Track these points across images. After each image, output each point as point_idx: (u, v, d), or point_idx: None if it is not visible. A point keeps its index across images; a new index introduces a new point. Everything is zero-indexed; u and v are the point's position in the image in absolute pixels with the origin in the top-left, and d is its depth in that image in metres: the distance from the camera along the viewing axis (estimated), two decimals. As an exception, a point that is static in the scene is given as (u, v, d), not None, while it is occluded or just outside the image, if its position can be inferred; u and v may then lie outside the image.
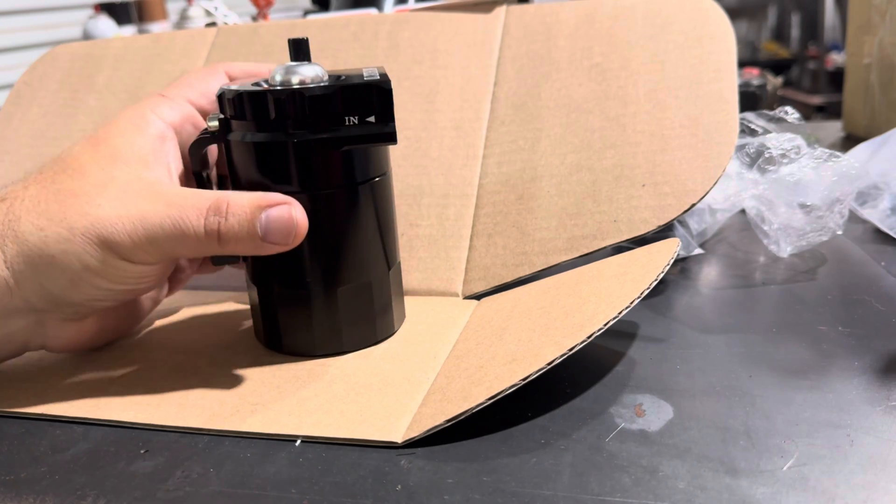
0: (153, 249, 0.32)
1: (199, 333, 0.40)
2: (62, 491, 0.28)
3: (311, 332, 0.36)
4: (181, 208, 0.32)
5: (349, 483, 0.27)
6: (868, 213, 0.49)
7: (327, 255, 0.35)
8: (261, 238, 0.32)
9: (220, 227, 0.32)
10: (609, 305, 0.32)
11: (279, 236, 0.32)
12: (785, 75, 3.08)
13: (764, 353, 0.35)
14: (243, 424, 0.31)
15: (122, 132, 0.35)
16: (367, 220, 0.36)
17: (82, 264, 0.32)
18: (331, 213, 0.35)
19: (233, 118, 0.34)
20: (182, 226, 0.32)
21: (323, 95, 0.33)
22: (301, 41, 0.35)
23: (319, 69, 0.35)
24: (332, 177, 0.35)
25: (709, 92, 0.44)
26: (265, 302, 0.37)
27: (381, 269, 0.37)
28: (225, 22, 1.11)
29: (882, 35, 0.69)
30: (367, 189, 0.35)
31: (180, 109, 0.37)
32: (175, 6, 2.05)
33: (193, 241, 0.32)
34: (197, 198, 0.33)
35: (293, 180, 0.34)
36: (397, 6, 0.88)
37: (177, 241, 0.32)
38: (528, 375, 0.29)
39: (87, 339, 0.36)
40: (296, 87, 0.33)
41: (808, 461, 0.27)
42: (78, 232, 0.32)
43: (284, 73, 0.34)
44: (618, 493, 0.26)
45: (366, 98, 0.33)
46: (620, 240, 0.40)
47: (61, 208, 0.32)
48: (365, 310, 0.36)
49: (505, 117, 0.47)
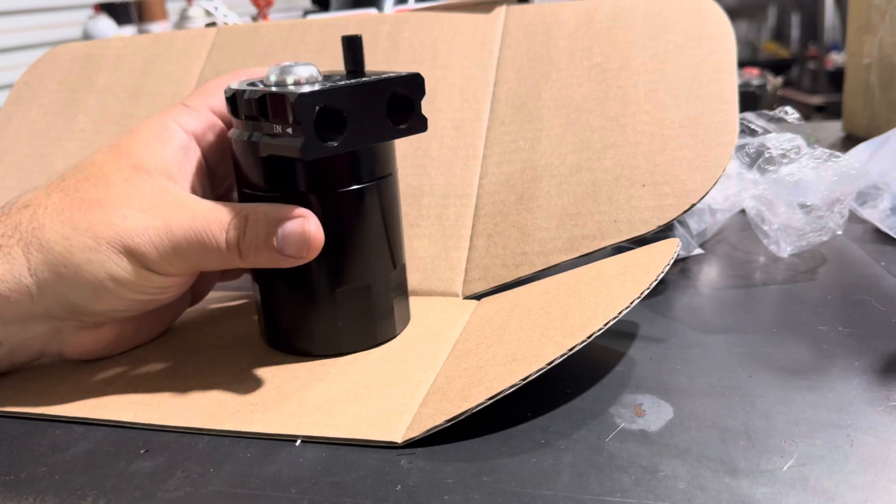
0: (178, 261, 0.32)
1: (199, 333, 0.40)
2: (62, 491, 0.28)
3: (310, 332, 0.36)
4: (205, 221, 0.32)
5: (349, 483, 0.27)
6: (868, 213, 0.49)
7: (328, 256, 0.35)
8: (277, 251, 0.32)
9: (239, 242, 0.32)
10: (609, 305, 0.32)
11: (295, 249, 0.32)
12: (785, 75, 3.08)
13: (764, 353, 0.35)
14: (243, 424, 0.31)
15: (146, 142, 0.35)
16: (370, 221, 0.36)
17: (107, 274, 0.32)
18: (333, 214, 0.34)
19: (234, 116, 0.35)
20: (205, 239, 0.32)
21: (251, 100, 0.32)
22: (355, 38, 0.34)
23: (314, 70, 0.34)
24: (333, 178, 0.34)
25: (709, 92, 0.44)
26: (266, 300, 0.37)
27: (383, 271, 0.37)
28: (225, 22, 1.11)
29: (882, 35, 0.69)
30: (370, 190, 0.35)
31: (203, 119, 0.37)
32: (175, 6, 2.05)
33: (216, 254, 0.32)
34: (219, 211, 0.33)
35: (295, 181, 0.34)
36: (397, 6, 0.88)
37: (201, 254, 0.32)
38: (528, 375, 0.29)
39: (105, 346, 0.36)
40: (282, 87, 0.33)
41: (808, 461, 0.27)
42: (103, 241, 0.32)
43: (280, 73, 0.33)
44: (618, 493, 0.26)
45: (282, 108, 0.32)
46: (620, 240, 0.40)
47: (86, 217, 0.32)
48: (364, 312, 0.36)
49: (505, 117, 0.47)
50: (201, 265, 0.33)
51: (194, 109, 0.37)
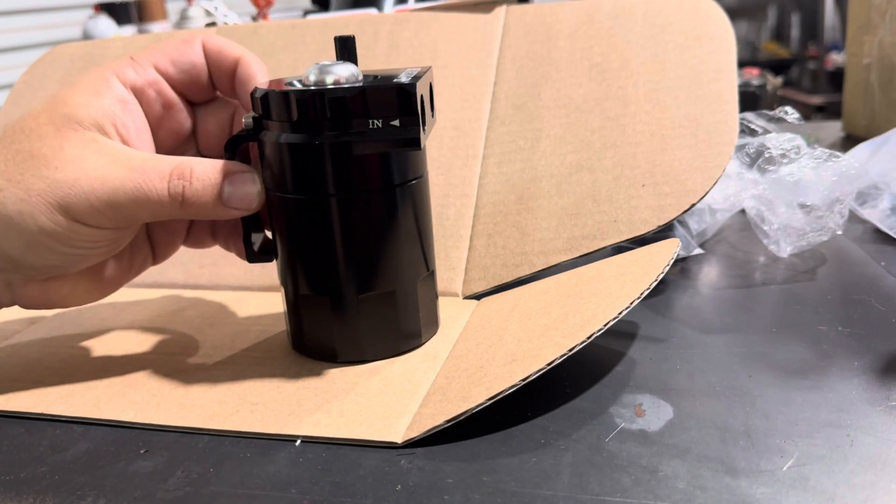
0: (112, 213, 0.32)
1: (200, 333, 0.40)
2: (62, 491, 0.28)
3: (332, 338, 0.35)
4: (143, 171, 0.32)
5: (349, 483, 0.27)
6: (868, 213, 0.49)
7: (352, 261, 0.34)
8: (223, 203, 0.33)
9: (184, 191, 0.33)
10: (609, 306, 0.32)
11: (243, 203, 0.34)
12: (785, 75, 3.08)
13: (764, 353, 0.35)
14: (243, 424, 0.31)
15: (82, 94, 0.34)
16: (395, 225, 0.34)
17: (38, 226, 0.32)
18: (353, 218, 0.34)
19: (263, 117, 0.34)
20: (144, 188, 0.32)
21: (342, 98, 0.32)
22: (348, 39, 0.34)
23: (355, 69, 0.33)
24: (352, 181, 0.33)
25: (709, 92, 0.44)
26: (291, 304, 0.36)
27: (410, 278, 0.35)
28: (225, 22, 1.11)
29: (882, 35, 0.69)
30: (393, 194, 0.34)
31: (145, 75, 0.36)
32: (175, 6, 2.04)
33: (156, 204, 0.32)
34: (159, 162, 0.33)
35: (317, 183, 0.33)
36: (397, 6, 0.88)
37: (138, 205, 0.32)
38: (528, 376, 0.29)
39: (57, 300, 0.36)
40: (327, 86, 0.32)
41: (808, 461, 0.27)
42: (34, 193, 0.32)
43: (318, 72, 0.33)
44: (618, 493, 0.26)
45: (388, 101, 0.32)
46: (620, 240, 0.40)
47: (18, 170, 0.32)
48: (389, 319, 0.35)
49: (505, 117, 0.47)
50: (137, 216, 0.33)
51: (138, 65, 0.36)
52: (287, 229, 0.35)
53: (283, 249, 0.35)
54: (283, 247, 0.35)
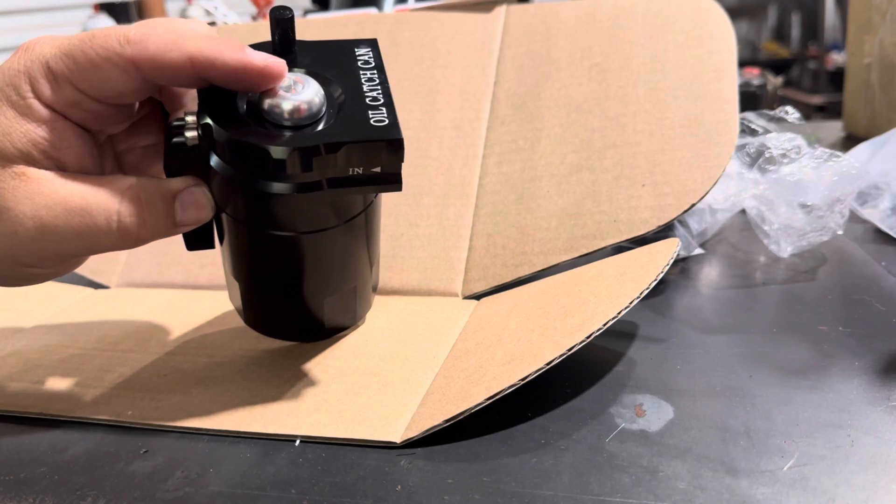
0: (63, 257, 0.30)
1: (199, 333, 0.40)
2: (62, 491, 0.28)
3: (292, 325, 0.37)
4: (84, 213, 0.29)
5: (349, 483, 0.27)
6: (868, 213, 0.49)
7: (313, 276, 0.33)
8: (176, 226, 0.31)
9: (137, 229, 0.30)
10: (608, 305, 0.32)
11: (195, 222, 0.31)
12: (785, 75, 3.08)
13: (764, 353, 0.35)
14: (243, 424, 0.31)
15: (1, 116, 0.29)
16: (355, 247, 0.34)
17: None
18: (320, 250, 0.32)
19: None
20: (90, 233, 0.29)
21: (320, 155, 0.28)
22: (286, 22, 0.30)
23: (315, 91, 0.29)
24: (320, 219, 0.31)
25: (709, 92, 0.44)
26: (247, 292, 0.34)
27: (365, 274, 0.36)
28: (225, 22, 1.11)
29: (882, 35, 0.68)
30: (355, 223, 0.32)
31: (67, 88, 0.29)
32: (175, 6, 2.04)
33: (106, 245, 0.30)
34: (100, 197, 0.29)
35: (283, 224, 0.31)
36: (397, 6, 0.88)
37: (87, 248, 0.30)
38: (527, 375, 0.29)
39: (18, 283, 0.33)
40: (295, 124, 0.28)
41: (808, 461, 0.27)
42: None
43: (277, 101, 0.29)
44: (618, 493, 0.26)
45: (374, 154, 0.28)
46: (620, 240, 0.40)
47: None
48: (348, 306, 0.36)
49: (505, 117, 0.47)
50: (90, 254, 0.31)
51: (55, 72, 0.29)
52: (236, 248, 0.33)
53: (229, 258, 0.34)
54: (229, 256, 0.34)
